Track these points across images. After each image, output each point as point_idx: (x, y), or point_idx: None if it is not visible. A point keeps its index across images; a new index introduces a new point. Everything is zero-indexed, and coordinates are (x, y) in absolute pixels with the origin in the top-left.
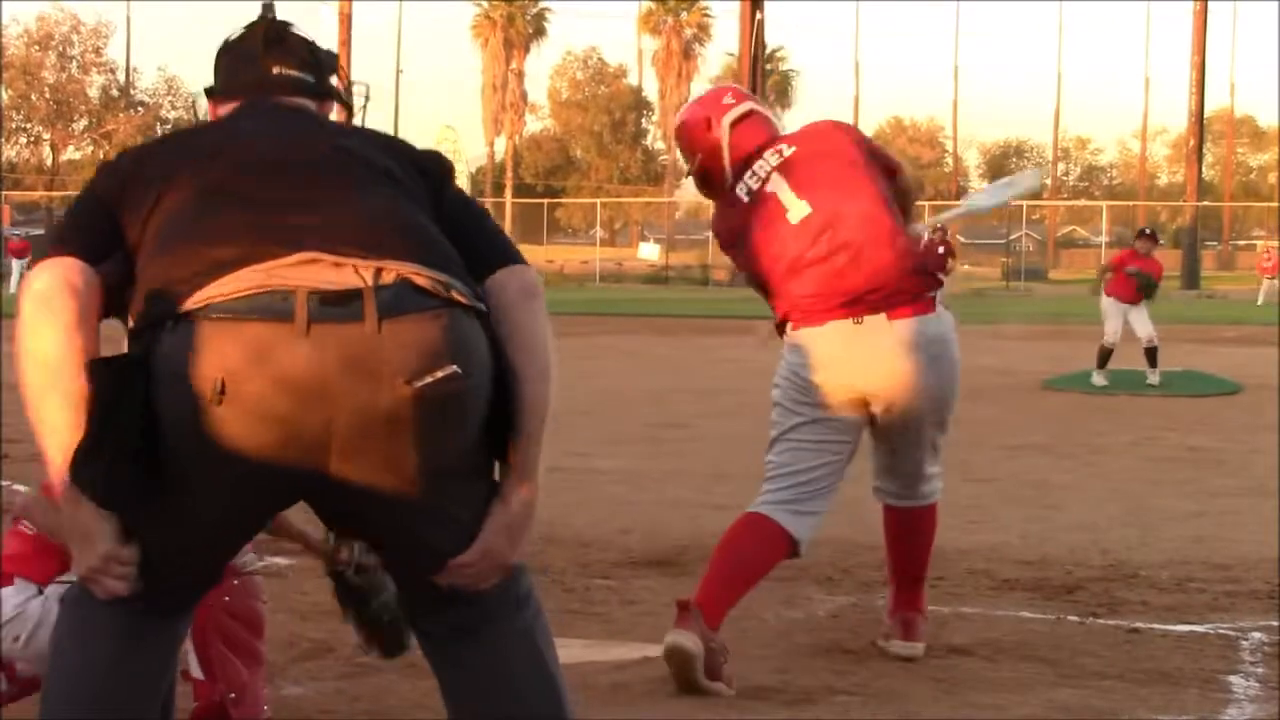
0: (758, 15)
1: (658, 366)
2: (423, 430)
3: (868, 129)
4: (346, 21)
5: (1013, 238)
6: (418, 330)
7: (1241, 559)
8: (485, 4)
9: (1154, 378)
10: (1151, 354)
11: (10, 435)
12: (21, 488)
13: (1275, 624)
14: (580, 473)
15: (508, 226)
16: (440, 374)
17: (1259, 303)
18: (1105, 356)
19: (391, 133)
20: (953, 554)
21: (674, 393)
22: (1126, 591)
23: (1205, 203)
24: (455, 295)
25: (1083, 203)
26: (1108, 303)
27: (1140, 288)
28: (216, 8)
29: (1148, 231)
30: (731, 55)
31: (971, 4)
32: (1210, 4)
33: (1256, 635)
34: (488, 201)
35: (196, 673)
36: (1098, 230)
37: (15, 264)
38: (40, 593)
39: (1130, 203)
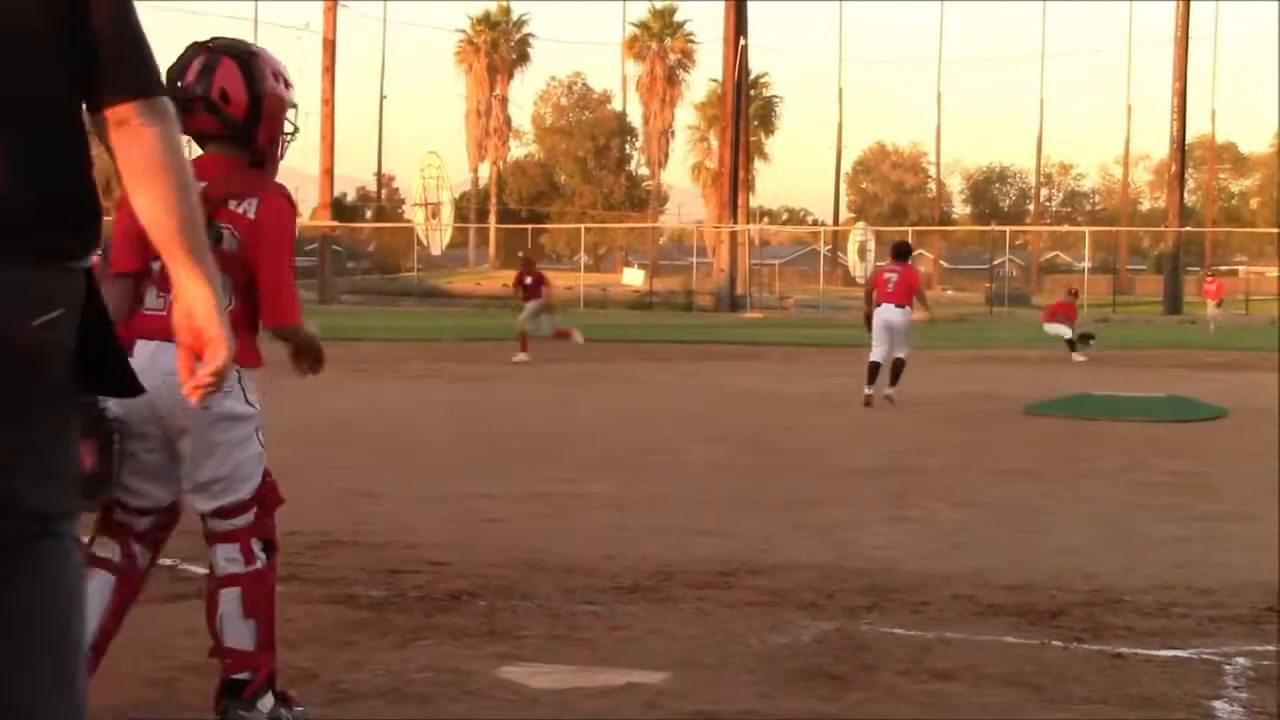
0: (741, 42)
1: (643, 392)
2: None
3: (851, 155)
4: (330, 47)
5: (996, 263)
6: None
7: (1226, 584)
8: (469, 30)
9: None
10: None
11: None
12: None
13: (1259, 649)
14: (565, 498)
15: (491, 251)
16: None
17: (1210, 330)
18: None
19: (376, 158)
20: (937, 579)
21: (659, 418)
22: (1111, 616)
23: (1188, 228)
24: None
25: (1066, 228)
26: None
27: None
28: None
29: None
30: (716, 81)
31: (955, 30)
32: (1191, 32)
33: (1241, 660)
34: (471, 227)
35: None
36: (1081, 256)
37: None
38: None
39: (1113, 228)
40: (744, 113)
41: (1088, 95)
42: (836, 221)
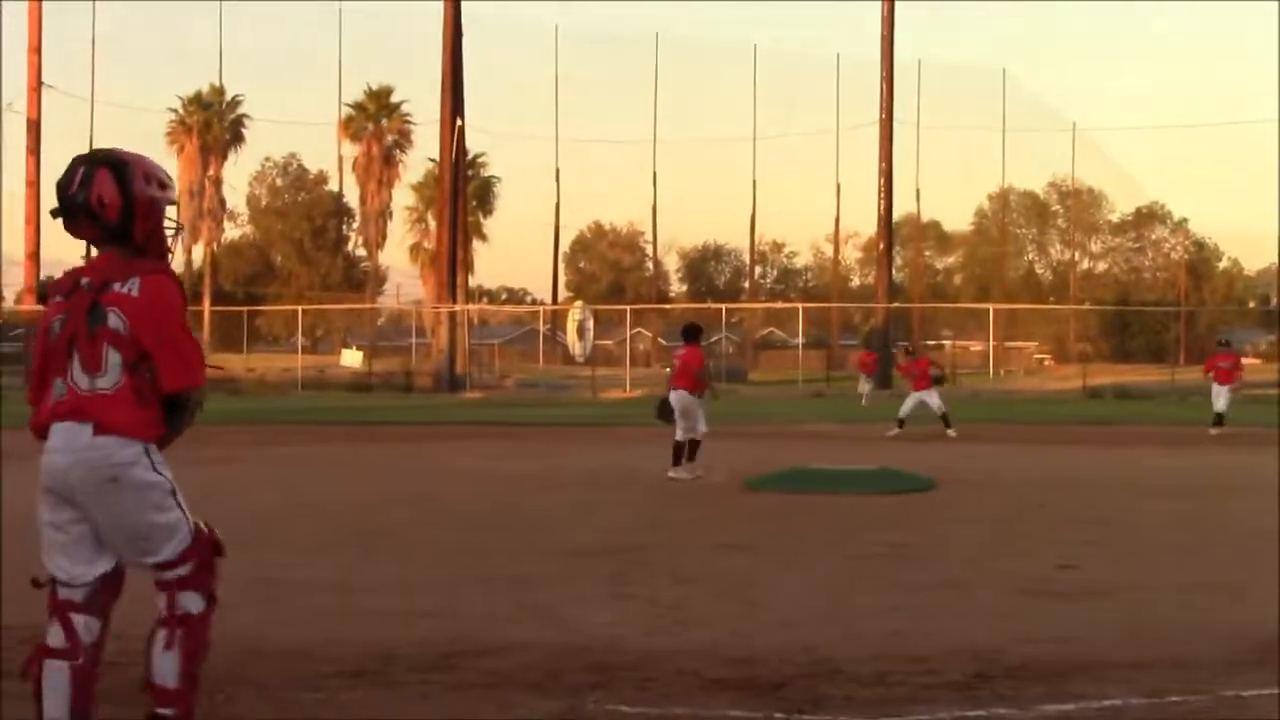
0: (458, 122)
1: (364, 474)
2: None
3: (569, 234)
4: (35, 128)
5: (713, 340)
6: None
7: (938, 651)
8: (180, 110)
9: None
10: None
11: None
12: None
13: (971, 714)
14: (287, 584)
15: (206, 334)
16: None
17: (863, 404)
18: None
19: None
20: (661, 654)
21: (380, 500)
22: (831, 687)
23: (896, 304)
24: None
25: (780, 305)
26: None
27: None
28: None
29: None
30: (433, 162)
31: (669, 112)
32: (896, 116)
33: None
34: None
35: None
36: (795, 332)
37: None
38: None
39: (826, 304)
40: (461, 193)
41: (798, 175)
42: (555, 300)
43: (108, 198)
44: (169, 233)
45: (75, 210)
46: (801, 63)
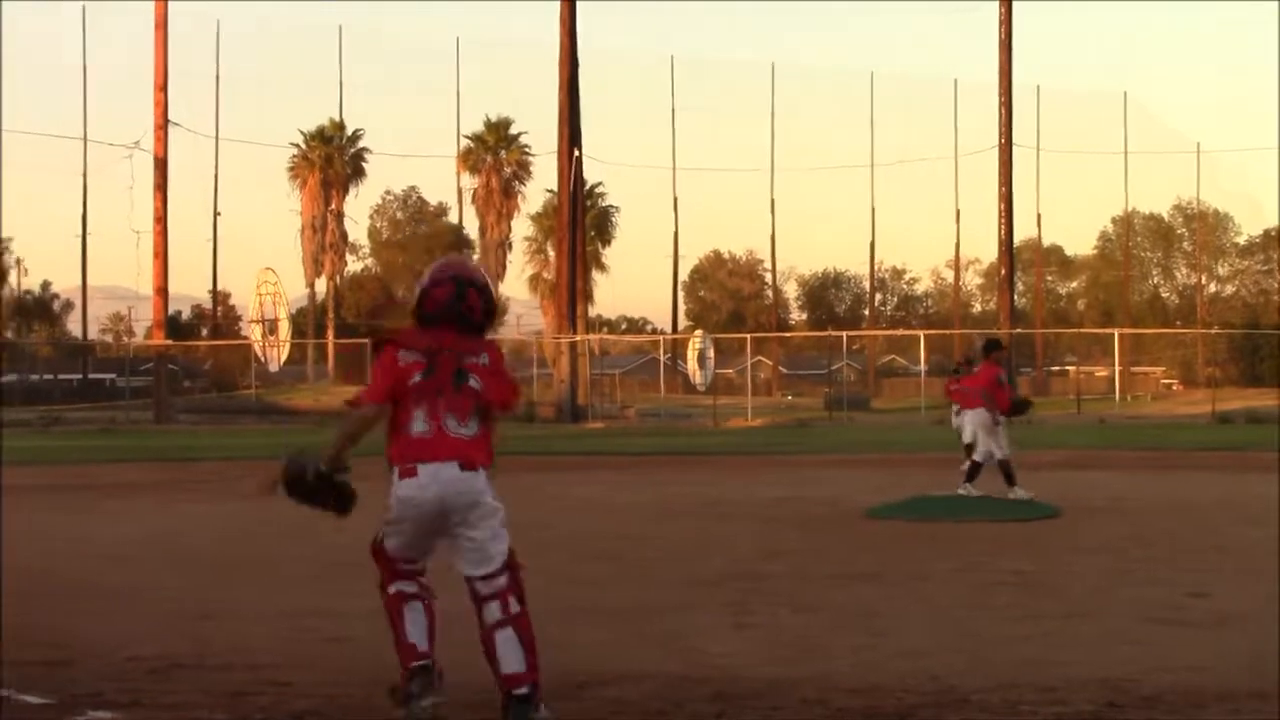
0: (576, 153)
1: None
2: None
3: (688, 263)
4: (162, 165)
5: (834, 368)
6: None
7: (1069, 680)
8: (302, 145)
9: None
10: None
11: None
12: None
13: None
14: None
15: (330, 367)
16: None
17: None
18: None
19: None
20: (784, 684)
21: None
22: (957, 717)
23: (1018, 330)
24: None
25: (901, 332)
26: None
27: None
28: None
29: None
30: (552, 192)
31: (785, 140)
32: (1015, 139)
33: None
34: (310, 343)
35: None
36: (916, 359)
37: None
38: None
39: (947, 331)
40: (580, 223)
41: (917, 201)
42: (675, 329)
43: (477, 310)
44: None
45: (451, 315)
46: (918, 88)
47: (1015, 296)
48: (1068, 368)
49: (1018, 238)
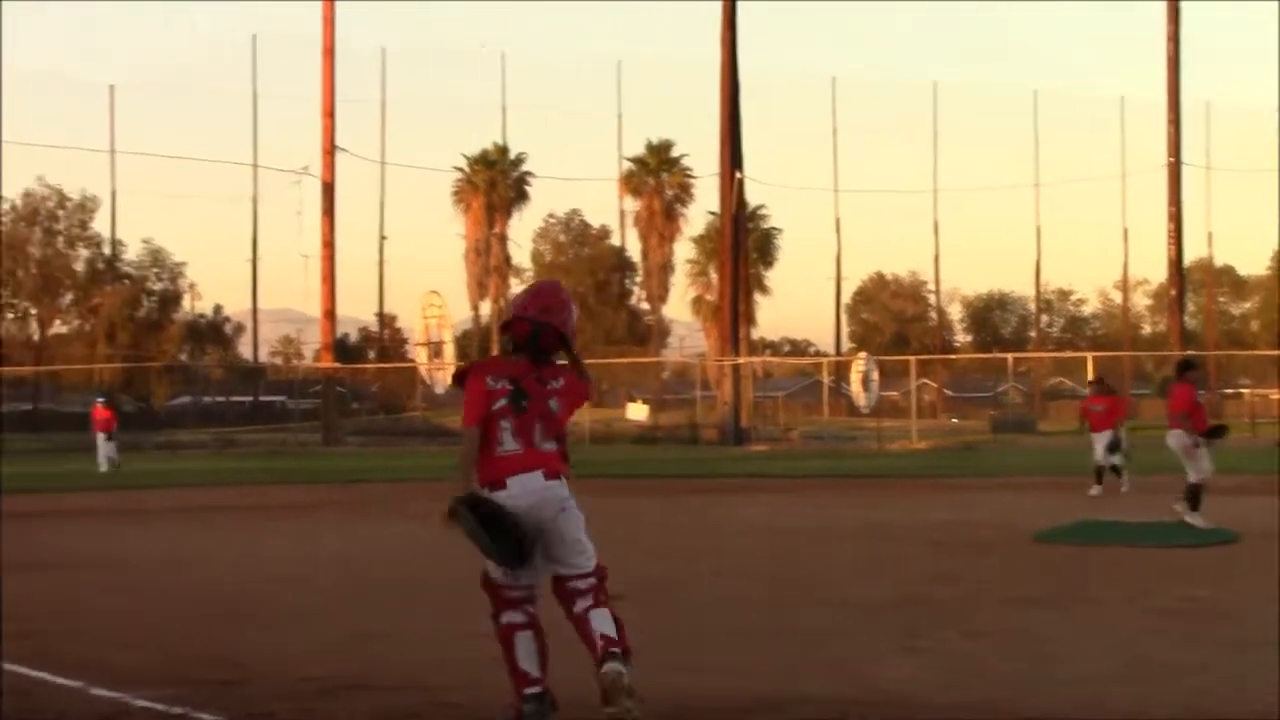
0: (737, 175)
1: (647, 527)
2: None
3: (851, 285)
4: (329, 191)
5: (1000, 390)
6: None
7: (1249, 711)
8: (466, 169)
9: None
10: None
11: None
12: None
13: None
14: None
15: None
16: None
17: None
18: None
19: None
20: (956, 709)
21: (663, 552)
22: None
23: (1190, 352)
24: None
25: (1068, 354)
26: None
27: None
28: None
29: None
30: (714, 215)
31: (948, 161)
32: (1185, 158)
33: None
34: None
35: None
36: (1084, 381)
37: (100, 439)
38: None
39: (1115, 353)
40: (742, 246)
41: (1083, 221)
42: (838, 352)
43: (553, 350)
44: None
45: (530, 350)
46: (1083, 107)
47: (1186, 317)
48: (1242, 390)
49: (1188, 258)
